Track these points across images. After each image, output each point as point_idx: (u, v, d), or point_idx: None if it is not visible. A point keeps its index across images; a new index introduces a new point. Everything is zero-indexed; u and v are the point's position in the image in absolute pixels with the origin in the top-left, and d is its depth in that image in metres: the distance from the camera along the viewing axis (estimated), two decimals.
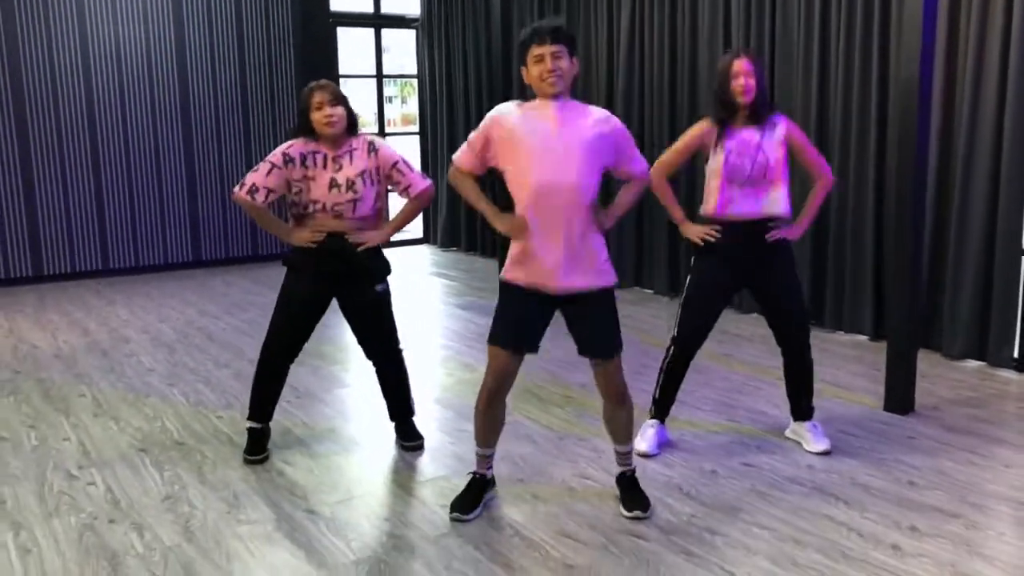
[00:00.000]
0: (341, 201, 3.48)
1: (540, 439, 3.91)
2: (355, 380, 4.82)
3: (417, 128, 10.15)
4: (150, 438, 3.98)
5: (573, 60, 2.90)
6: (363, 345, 3.76)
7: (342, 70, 9.25)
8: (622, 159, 3.03)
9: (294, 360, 3.75)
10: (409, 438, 3.84)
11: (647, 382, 4.43)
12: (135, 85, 8.01)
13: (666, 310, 6.40)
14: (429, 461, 3.70)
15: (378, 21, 9.46)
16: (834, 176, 3.84)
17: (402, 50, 10.62)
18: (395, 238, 9.92)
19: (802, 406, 3.79)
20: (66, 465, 3.67)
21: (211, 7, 8.25)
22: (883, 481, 3.41)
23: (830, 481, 3.42)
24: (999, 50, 4.63)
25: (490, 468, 3.25)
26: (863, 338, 5.52)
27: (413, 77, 10.21)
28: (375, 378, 3.90)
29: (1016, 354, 4.80)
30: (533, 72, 2.87)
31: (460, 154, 3.05)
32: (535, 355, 3.10)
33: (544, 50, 2.83)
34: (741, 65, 3.46)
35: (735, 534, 3.00)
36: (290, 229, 3.60)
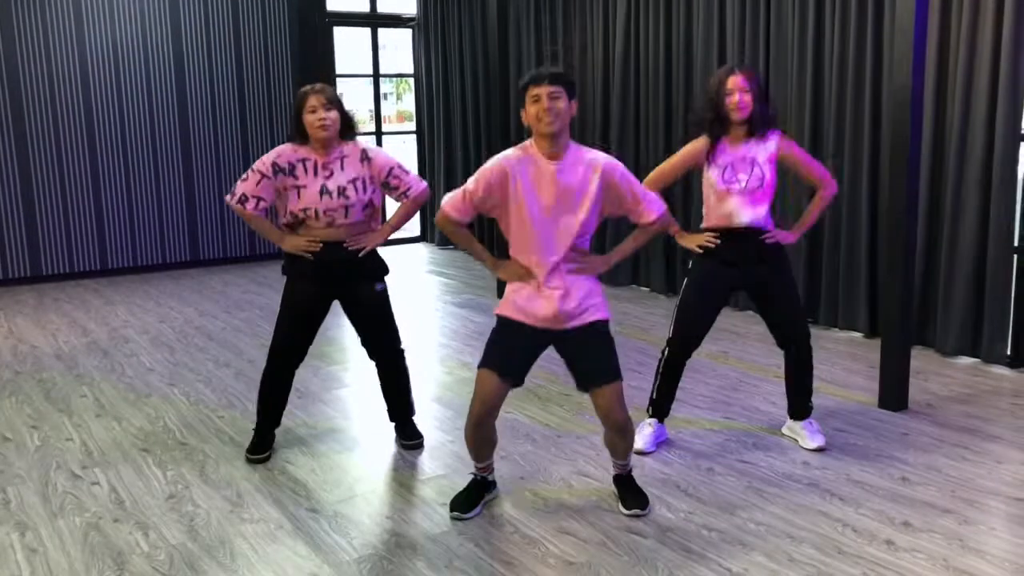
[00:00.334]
0: (333, 207, 3.50)
1: (539, 437, 3.95)
2: (355, 380, 4.86)
3: (414, 127, 10.18)
4: (152, 438, 4.02)
5: (572, 103, 2.93)
6: (366, 345, 3.80)
7: (339, 69, 9.28)
8: (624, 204, 3.04)
9: (299, 367, 3.78)
10: (409, 437, 3.88)
11: (644, 380, 4.47)
12: (132, 85, 8.02)
13: (663, 308, 6.44)
14: (429, 460, 3.74)
15: (374, 21, 9.49)
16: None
17: (397, 48, 10.63)
18: (392, 236, 9.98)
19: (799, 405, 3.84)
20: (69, 465, 3.71)
21: (208, 7, 8.27)
22: (877, 477, 3.46)
23: (825, 477, 3.46)
24: (990, 55, 4.68)
25: (490, 472, 3.30)
26: (858, 335, 5.56)
27: (409, 76, 10.23)
28: (374, 378, 3.93)
29: (1009, 351, 4.85)
30: (531, 111, 2.90)
31: (452, 200, 3.02)
32: (520, 388, 3.15)
33: (541, 91, 2.87)
34: (736, 81, 3.47)
35: (732, 530, 3.04)
36: (282, 235, 3.63)
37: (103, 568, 2.85)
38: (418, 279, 7.92)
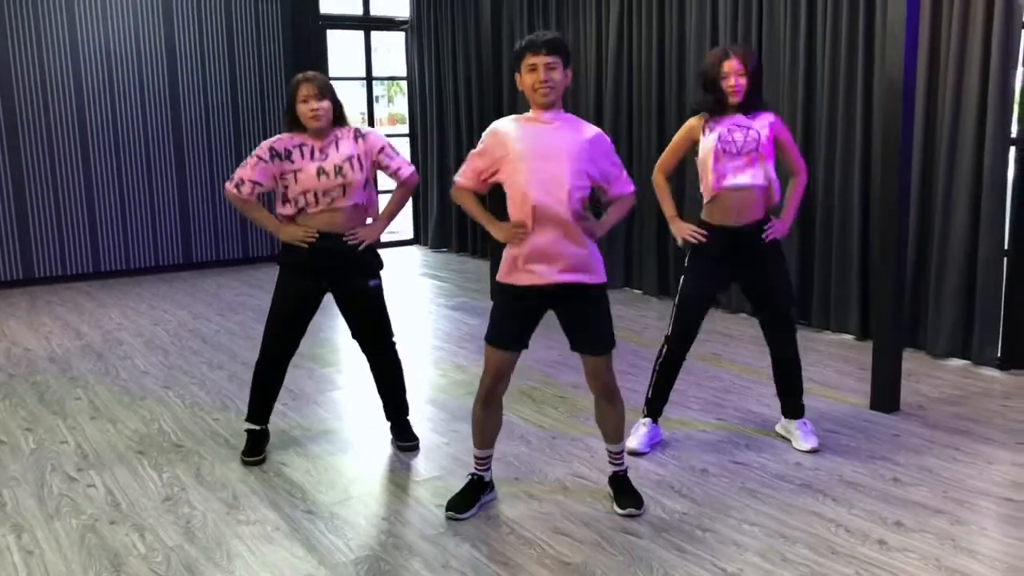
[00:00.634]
0: (331, 187, 3.54)
1: (534, 439, 3.97)
2: (348, 382, 4.87)
3: (407, 130, 10.19)
4: (147, 440, 4.02)
5: (567, 73, 2.96)
6: (358, 339, 3.82)
7: (332, 72, 9.28)
8: (607, 176, 3.08)
9: (291, 358, 3.80)
10: (405, 439, 3.89)
11: (638, 382, 4.50)
12: (125, 88, 8.01)
13: (656, 310, 6.47)
14: (424, 461, 3.75)
15: (367, 23, 9.50)
16: (809, 176, 3.92)
17: (390, 50, 10.64)
18: (385, 238, 10.00)
19: (792, 404, 3.87)
20: (65, 467, 3.71)
21: (201, 9, 8.27)
22: (869, 478, 3.48)
23: (818, 478, 3.49)
24: (979, 58, 4.72)
25: (488, 470, 3.29)
26: (849, 337, 5.60)
27: (403, 79, 10.25)
28: (368, 380, 3.95)
29: (999, 353, 4.89)
30: (526, 80, 2.94)
31: (461, 174, 3.12)
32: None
33: (538, 60, 2.90)
34: (732, 65, 3.52)
35: (726, 531, 3.07)
36: (279, 224, 3.64)
37: (100, 570, 2.86)
38: (411, 282, 7.93)
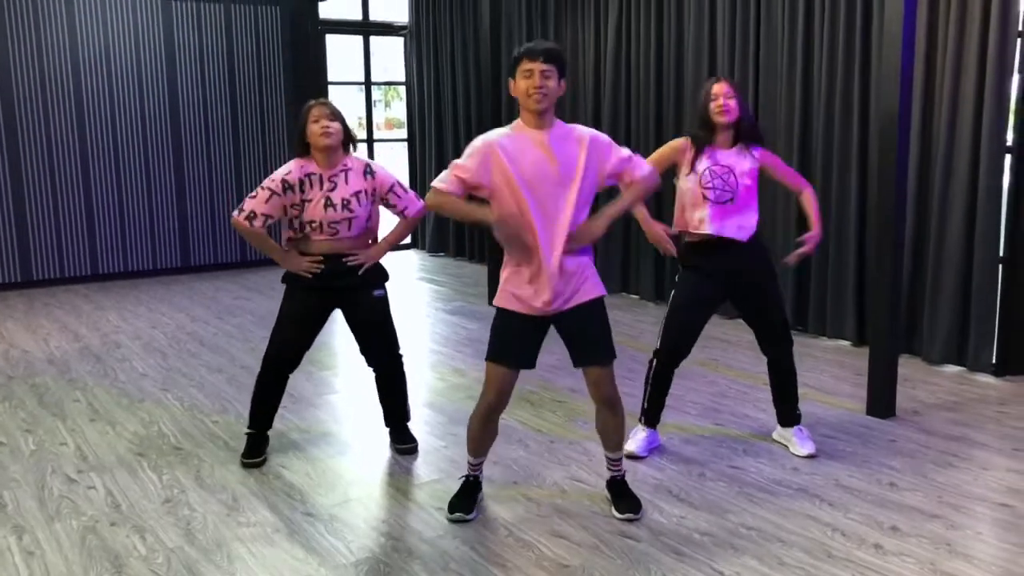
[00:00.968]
0: (337, 219, 3.57)
1: (532, 443, 3.99)
2: (346, 386, 4.89)
3: (404, 135, 10.22)
4: (147, 442, 4.04)
5: (561, 83, 2.95)
6: (365, 353, 3.84)
7: (330, 77, 9.31)
8: (618, 170, 3.03)
9: (294, 370, 3.82)
10: (404, 442, 3.91)
11: (635, 387, 4.51)
12: (124, 92, 8.04)
13: (652, 315, 6.50)
14: (423, 464, 3.77)
15: (366, 29, 9.53)
16: (814, 187, 3.95)
17: (387, 55, 10.68)
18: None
19: (788, 412, 3.89)
20: (65, 469, 3.72)
21: (200, 15, 8.30)
22: (865, 483, 3.51)
23: (814, 483, 3.51)
24: (976, 66, 4.76)
25: (481, 471, 3.34)
26: (846, 343, 5.63)
27: (401, 84, 10.28)
28: (366, 383, 3.97)
29: (994, 359, 4.92)
30: (520, 86, 2.92)
31: (444, 181, 2.94)
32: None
33: (535, 66, 2.89)
34: (721, 88, 3.60)
35: (723, 535, 3.09)
36: (284, 254, 3.67)
37: (101, 571, 2.87)
38: (409, 286, 7.95)
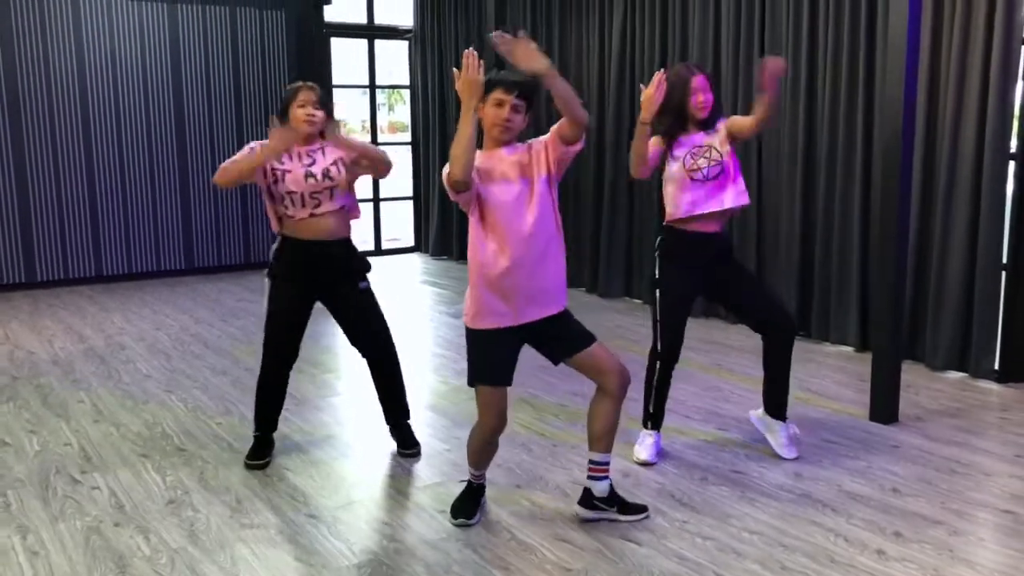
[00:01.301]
0: (319, 189, 3.60)
1: (535, 447, 4.00)
2: (349, 388, 4.90)
3: (409, 138, 10.23)
4: (151, 443, 4.05)
5: (526, 118, 2.96)
6: (355, 343, 3.86)
7: (335, 80, 9.33)
8: (550, 141, 2.97)
9: (292, 368, 3.83)
10: (407, 445, 3.92)
11: (635, 391, 4.51)
12: (130, 94, 8.06)
13: None
14: (426, 467, 3.78)
15: (371, 32, 9.55)
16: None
17: (392, 59, 10.69)
18: (386, 247, 10.03)
19: (777, 399, 3.84)
20: (69, 470, 3.73)
21: (206, 18, 8.32)
22: (868, 488, 3.51)
23: (817, 488, 3.52)
24: (979, 73, 4.76)
25: (483, 479, 3.35)
26: (849, 349, 5.63)
27: (405, 88, 10.29)
28: (368, 386, 3.97)
29: (997, 366, 4.92)
30: (489, 113, 2.90)
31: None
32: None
33: (507, 98, 2.88)
34: (699, 82, 3.59)
35: (726, 539, 3.09)
36: (274, 132, 3.52)
37: (105, 571, 2.88)
38: (412, 289, 7.96)
